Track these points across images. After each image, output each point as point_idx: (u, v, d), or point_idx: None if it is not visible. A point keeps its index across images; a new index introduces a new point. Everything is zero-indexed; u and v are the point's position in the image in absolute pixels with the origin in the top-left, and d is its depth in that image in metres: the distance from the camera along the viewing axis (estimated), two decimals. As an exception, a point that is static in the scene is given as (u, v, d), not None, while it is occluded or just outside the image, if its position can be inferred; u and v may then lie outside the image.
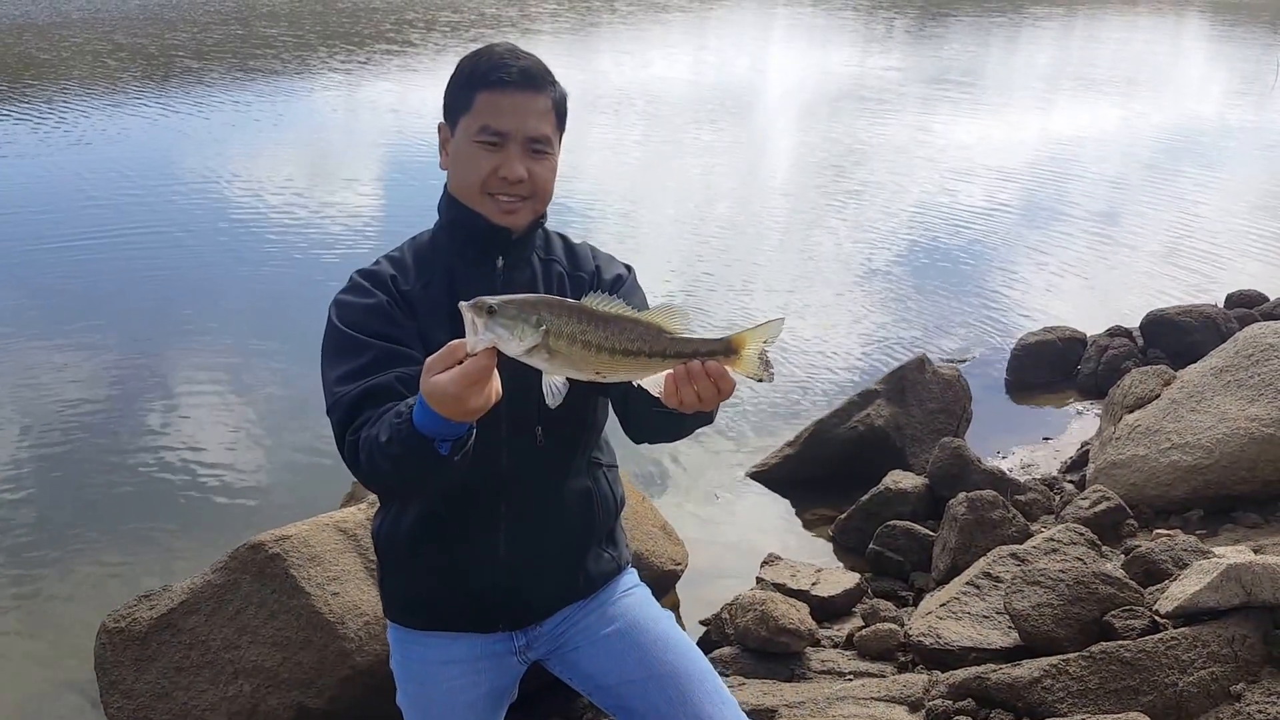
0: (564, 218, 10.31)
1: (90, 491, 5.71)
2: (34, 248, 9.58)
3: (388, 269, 2.17)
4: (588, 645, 2.29)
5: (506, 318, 1.66)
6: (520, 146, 2.12)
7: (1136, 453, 5.05)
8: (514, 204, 2.14)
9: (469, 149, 2.13)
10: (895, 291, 8.71)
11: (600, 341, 1.69)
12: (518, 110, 2.11)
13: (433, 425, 1.76)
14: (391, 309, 2.10)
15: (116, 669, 3.83)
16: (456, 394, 1.68)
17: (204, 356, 7.27)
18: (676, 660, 2.26)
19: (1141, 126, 15.55)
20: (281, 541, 3.71)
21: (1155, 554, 3.99)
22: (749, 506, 5.64)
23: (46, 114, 15.40)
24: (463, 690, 2.28)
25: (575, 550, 2.28)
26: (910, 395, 6.01)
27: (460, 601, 2.23)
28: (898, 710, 3.42)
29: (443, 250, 2.21)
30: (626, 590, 2.37)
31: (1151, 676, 3.24)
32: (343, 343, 2.07)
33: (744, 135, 15.26)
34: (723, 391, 1.77)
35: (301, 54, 20.99)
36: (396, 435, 1.81)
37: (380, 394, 1.96)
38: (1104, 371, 6.75)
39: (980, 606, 3.94)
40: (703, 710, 2.20)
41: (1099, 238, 10.25)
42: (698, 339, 1.76)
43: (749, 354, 1.77)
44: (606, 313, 1.71)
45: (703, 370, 1.75)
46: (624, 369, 1.74)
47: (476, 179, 2.13)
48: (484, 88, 2.12)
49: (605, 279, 2.27)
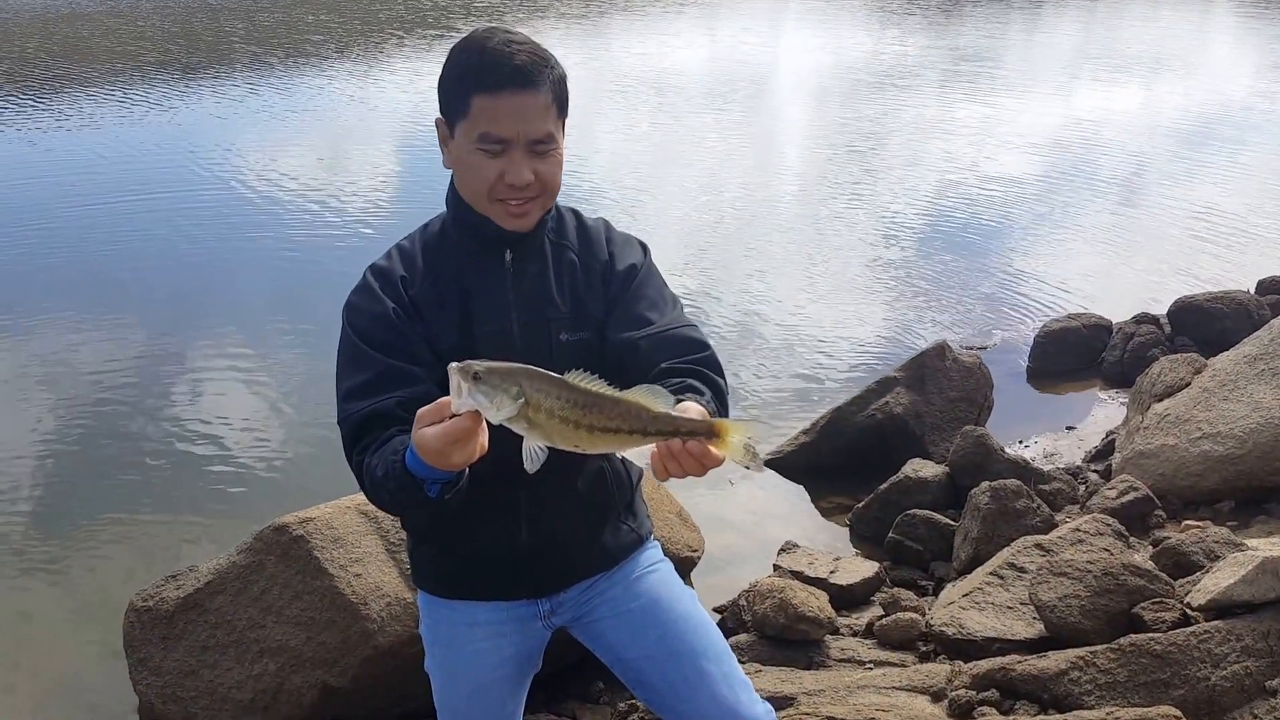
0: (579, 203, 10.30)
1: (116, 474, 5.85)
2: (63, 232, 9.75)
3: (398, 267, 2.21)
4: (612, 617, 2.36)
5: (489, 386, 1.75)
6: (523, 150, 2.11)
7: (1165, 442, 5.06)
8: (522, 206, 2.16)
9: (471, 156, 2.13)
10: (915, 277, 8.71)
11: (579, 418, 1.77)
12: (517, 114, 2.09)
13: (422, 470, 1.86)
14: (398, 318, 2.15)
15: (144, 647, 3.98)
16: (439, 450, 1.79)
17: (229, 339, 7.37)
18: (696, 640, 2.32)
19: (1168, 108, 15.51)
20: (305, 523, 3.81)
21: (1186, 546, 4.01)
22: (765, 494, 5.66)
23: (92, 100, 15.54)
24: (488, 653, 2.35)
25: (594, 527, 2.34)
26: (930, 383, 6.02)
27: (485, 576, 2.31)
28: (919, 700, 3.44)
29: (452, 245, 2.24)
30: (652, 566, 2.42)
31: (1183, 670, 3.26)
32: (352, 354, 2.16)
33: (760, 118, 15.24)
34: (707, 467, 1.82)
35: (345, 40, 21.07)
36: (391, 472, 1.93)
37: (381, 418, 2.06)
38: (1130, 359, 6.75)
39: (1004, 597, 3.96)
40: (718, 690, 2.26)
41: (1125, 222, 10.24)
42: (680, 419, 1.80)
43: (734, 441, 1.81)
44: (586, 390, 1.77)
45: (685, 450, 1.80)
46: (603, 444, 1.81)
47: (483, 187, 2.13)
48: (479, 91, 2.08)
49: (619, 269, 2.26)
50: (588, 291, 2.24)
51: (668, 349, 2.14)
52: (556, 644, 3.66)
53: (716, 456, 1.80)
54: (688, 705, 2.27)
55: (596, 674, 3.90)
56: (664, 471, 1.81)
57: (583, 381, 1.77)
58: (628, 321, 2.20)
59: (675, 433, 1.79)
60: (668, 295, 2.28)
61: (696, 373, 2.08)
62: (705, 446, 1.79)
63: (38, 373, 6.99)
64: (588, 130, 13.62)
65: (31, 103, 15.43)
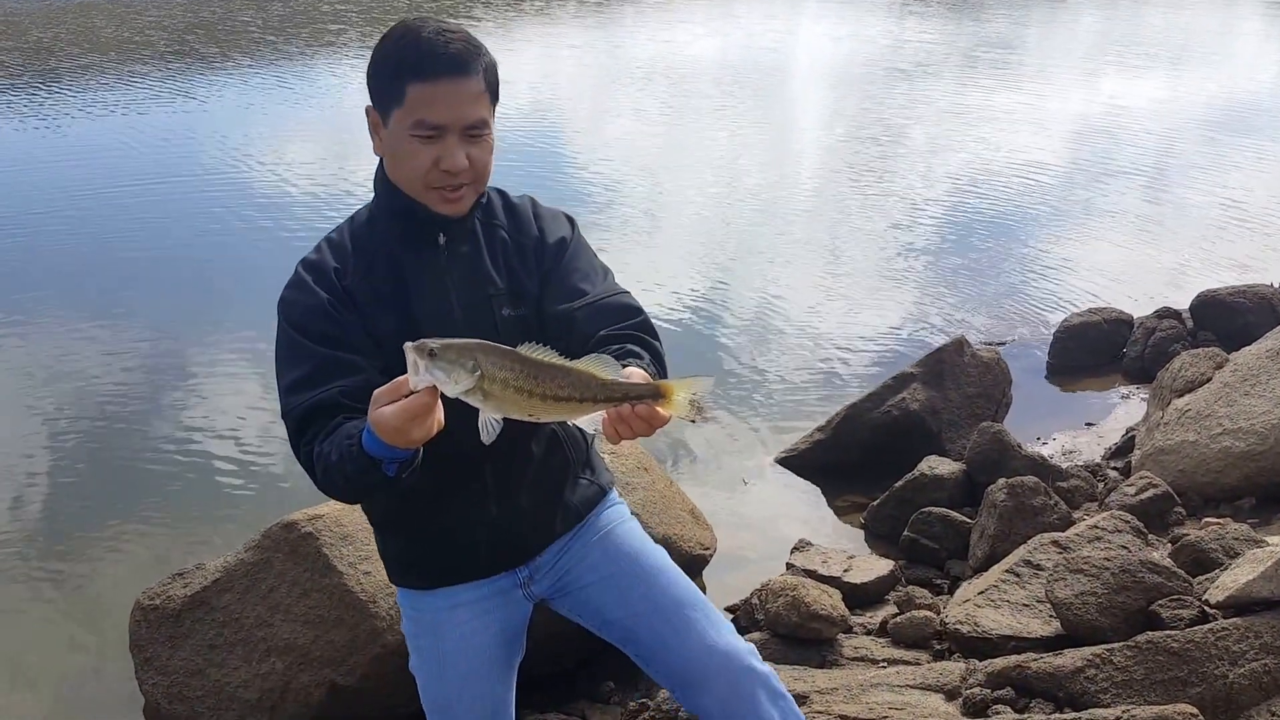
0: (590, 194, 10.36)
1: (122, 471, 5.89)
2: (66, 226, 9.81)
3: (330, 260, 2.26)
4: (596, 583, 2.44)
5: (445, 361, 1.84)
6: (458, 136, 2.17)
7: (1186, 438, 5.04)
8: (456, 192, 2.22)
9: (405, 143, 2.17)
10: (933, 271, 8.70)
11: (532, 388, 1.87)
12: (452, 100, 2.14)
13: (379, 449, 1.93)
14: (333, 308, 2.20)
15: (151, 646, 3.99)
16: (398, 426, 1.86)
17: (239, 334, 7.39)
18: (677, 591, 2.44)
19: (1192, 99, 15.40)
20: (314, 520, 3.83)
21: (1205, 543, 3.99)
22: (778, 492, 5.67)
23: (100, 92, 15.64)
24: (475, 634, 2.41)
25: (557, 487, 2.43)
26: (948, 378, 6.01)
27: (457, 557, 2.37)
28: (933, 698, 3.44)
29: (382, 234, 2.28)
30: (621, 520, 2.53)
31: (1200, 668, 3.25)
32: (290, 347, 2.21)
33: (779, 107, 15.23)
34: (655, 427, 1.93)
35: (365, 30, 21.12)
36: (347, 455, 1.99)
37: (325, 409, 2.11)
38: (1151, 354, 6.72)
39: (1020, 595, 3.96)
40: (706, 635, 2.38)
41: (1146, 215, 10.19)
42: (626, 384, 1.92)
43: (679, 399, 1.92)
44: (539, 360, 1.87)
45: (633, 413, 1.91)
46: (556, 412, 1.92)
47: (417, 173, 2.19)
48: (414, 79, 2.14)
49: (549, 243, 2.34)
50: (521, 267, 2.32)
51: (604, 317, 2.24)
52: (562, 643, 3.70)
53: (663, 416, 1.92)
54: (677, 654, 2.38)
55: (606, 673, 3.92)
56: (615, 435, 1.93)
57: (534, 353, 1.87)
58: (562, 294, 2.29)
59: (624, 398, 1.91)
60: (598, 265, 2.38)
61: (634, 338, 2.19)
62: (652, 408, 1.91)
63: (41, 370, 7.01)
64: (608, 119, 13.66)
65: (45, 93, 15.51)
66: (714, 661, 2.36)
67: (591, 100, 15.17)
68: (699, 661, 2.36)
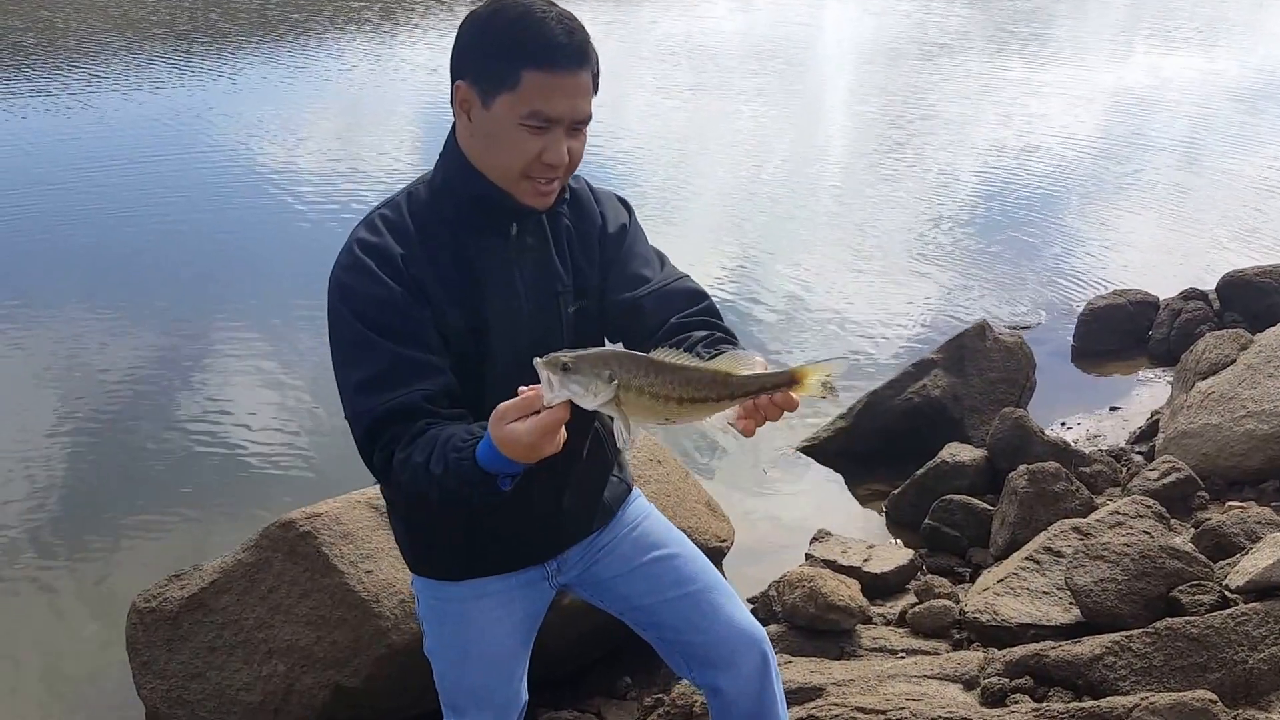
0: (610, 176, 10.36)
1: (118, 469, 5.81)
2: (71, 215, 9.75)
3: (392, 244, 2.13)
4: (625, 574, 2.50)
5: (581, 374, 1.82)
6: (566, 130, 2.11)
7: (1209, 421, 5.03)
8: (550, 185, 2.15)
9: (511, 131, 2.08)
10: (954, 254, 8.67)
11: (669, 393, 1.85)
12: (571, 94, 2.08)
13: (498, 465, 1.90)
14: (404, 300, 2.10)
15: (148, 650, 3.92)
16: (532, 443, 1.83)
17: (233, 331, 7.32)
18: (704, 577, 2.53)
19: (1219, 77, 15.27)
20: (313, 519, 3.75)
21: (1227, 527, 4.00)
22: (798, 482, 5.68)
23: (103, 74, 15.67)
24: (499, 621, 2.42)
25: (596, 488, 2.47)
26: (969, 364, 6.01)
27: (491, 550, 2.37)
28: (951, 688, 3.46)
29: (449, 217, 2.19)
30: (645, 514, 2.58)
31: (1220, 654, 3.26)
32: (358, 342, 2.10)
33: (796, 88, 15.18)
34: (786, 411, 1.91)
35: (390, 5, 21.14)
36: (455, 469, 1.93)
37: (406, 413, 2.05)
38: (1177, 337, 6.70)
39: (1040, 582, 3.97)
40: (734, 617, 2.50)
41: (1173, 195, 10.13)
42: (763, 376, 1.90)
43: (812, 383, 1.90)
44: (674, 365, 1.85)
45: (770, 402, 1.89)
46: (692, 413, 1.89)
47: (518, 163, 2.10)
48: (534, 66, 2.04)
49: (611, 232, 2.32)
50: (584, 258, 2.30)
51: (672, 303, 2.24)
52: (580, 641, 3.72)
53: (795, 400, 1.90)
54: (705, 635, 2.47)
55: (623, 669, 3.95)
56: (750, 427, 1.91)
57: (668, 357, 1.86)
58: (625, 282, 2.27)
59: (760, 390, 1.89)
60: (655, 251, 2.37)
61: (711, 324, 2.19)
62: (787, 394, 1.89)
63: (35, 367, 6.90)
64: (628, 99, 13.64)
65: (63, 73, 15.57)
66: (741, 641, 2.48)
67: (619, 78, 15.13)
68: (727, 643, 2.47)
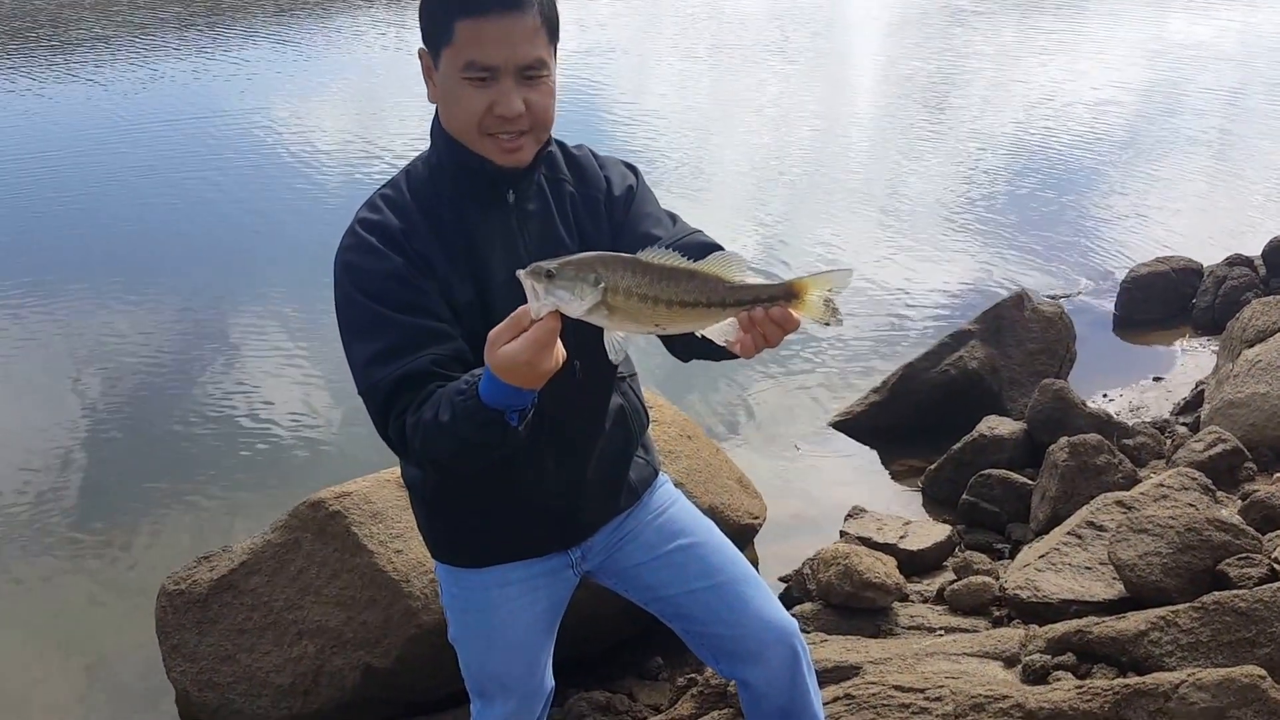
0: (639, 144, 10.33)
1: (146, 451, 5.88)
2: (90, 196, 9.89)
3: (393, 220, 2.15)
4: (650, 561, 2.47)
5: (565, 279, 1.77)
6: (512, 78, 2.07)
7: (1256, 390, 4.97)
8: (515, 140, 2.12)
9: (457, 87, 2.09)
10: (991, 222, 8.60)
11: (658, 294, 1.79)
12: (504, 38, 2.04)
13: (501, 397, 1.87)
14: (409, 272, 2.11)
15: (178, 632, 3.97)
16: (529, 360, 1.80)
17: (259, 312, 7.40)
18: (733, 568, 2.50)
19: (1260, 38, 15.05)
20: (342, 498, 3.78)
21: (1276, 498, 3.95)
22: (832, 457, 5.66)
23: (109, 58, 15.82)
24: (523, 609, 2.42)
25: (619, 465, 2.43)
26: (1008, 335, 5.96)
27: (512, 533, 2.35)
28: (991, 665, 3.44)
29: (447, 190, 2.20)
30: (672, 500, 2.55)
31: (1269, 628, 3.21)
32: (367, 318, 2.10)
33: (824, 57, 15.08)
34: (787, 332, 1.85)
35: None
36: (462, 412, 1.91)
37: (417, 378, 2.03)
38: (1222, 304, 6.62)
39: (1082, 557, 3.93)
40: (763, 610, 2.47)
41: (1216, 159, 10.00)
42: (758, 284, 1.84)
43: (813, 299, 1.83)
44: (663, 265, 1.80)
45: (766, 316, 1.82)
46: (684, 320, 1.83)
47: (472, 119, 2.10)
48: (462, 15, 2.04)
49: (617, 195, 2.30)
50: (591, 222, 2.28)
51: (688, 255, 2.20)
52: (612, 620, 3.71)
53: (795, 319, 1.84)
54: (733, 629, 2.44)
55: (654, 650, 3.94)
56: (750, 345, 1.85)
57: (656, 258, 1.81)
58: (636, 242, 2.21)
59: (755, 300, 1.82)
60: (666, 211, 2.34)
61: None
62: (785, 310, 1.83)
63: (61, 350, 7.00)
64: (650, 71, 13.58)
65: (65, 62, 15.69)
66: (770, 636, 2.45)
67: (640, 46, 15.10)
68: (755, 637, 2.44)
